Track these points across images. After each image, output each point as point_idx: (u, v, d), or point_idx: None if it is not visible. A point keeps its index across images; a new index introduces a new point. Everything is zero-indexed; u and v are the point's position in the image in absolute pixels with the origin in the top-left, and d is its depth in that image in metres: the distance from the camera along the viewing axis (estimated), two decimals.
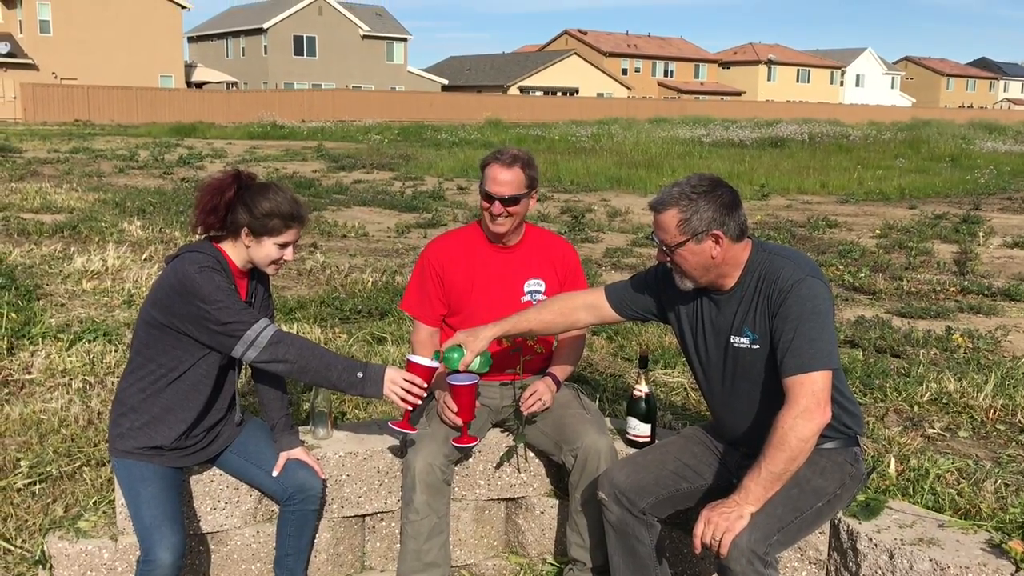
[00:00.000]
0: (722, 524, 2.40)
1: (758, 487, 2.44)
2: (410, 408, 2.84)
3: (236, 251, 2.82)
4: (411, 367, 2.85)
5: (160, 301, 2.74)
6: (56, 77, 46.33)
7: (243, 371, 3.15)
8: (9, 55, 45.67)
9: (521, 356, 3.29)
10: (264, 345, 2.72)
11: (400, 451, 3.25)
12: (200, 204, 2.77)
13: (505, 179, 3.19)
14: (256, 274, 2.93)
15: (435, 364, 2.88)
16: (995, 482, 3.17)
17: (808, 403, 2.45)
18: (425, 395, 2.84)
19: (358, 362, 2.82)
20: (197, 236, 2.87)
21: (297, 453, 3.01)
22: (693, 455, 2.92)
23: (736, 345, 2.70)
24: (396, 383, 2.79)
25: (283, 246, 2.81)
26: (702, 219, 2.57)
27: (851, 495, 2.76)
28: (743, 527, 2.40)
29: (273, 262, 2.84)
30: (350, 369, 2.78)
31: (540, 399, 3.19)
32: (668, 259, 2.68)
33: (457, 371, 2.92)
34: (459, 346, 2.93)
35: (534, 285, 3.36)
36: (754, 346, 2.66)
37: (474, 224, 3.43)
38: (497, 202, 3.18)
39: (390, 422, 3.02)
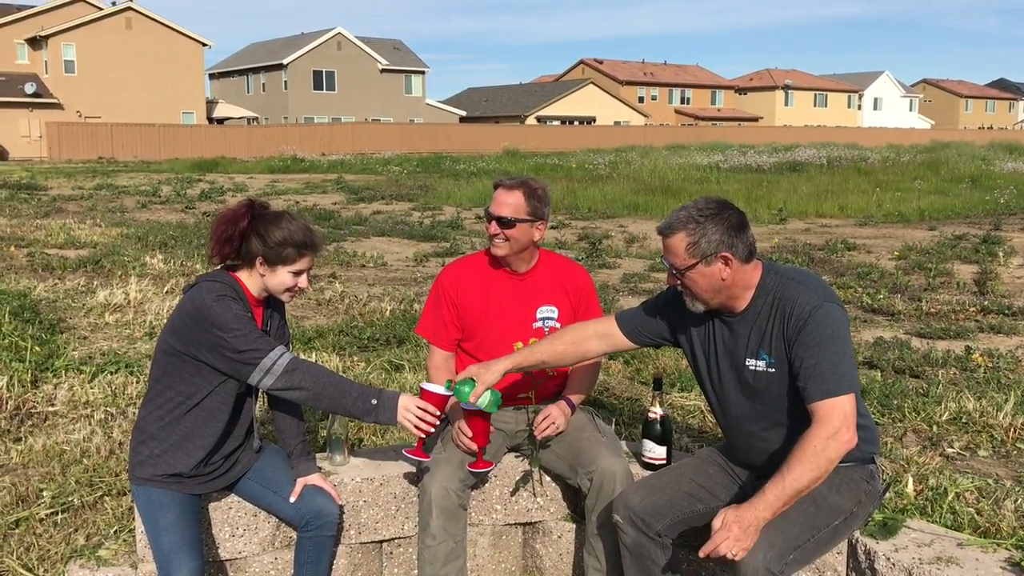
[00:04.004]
0: (736, 532, 2.38)
1: (778, 500, 2.44)
2: (424, 436, 2.86)
3: (252, 280, 2.87)
4: (425, 395, 2.87)
5: (178, 329, 2.79)
6: (80, 116, 47.16)
7: (260, 398, 3.19)
8: (35, 95, 46.55)
9: (534, 380, 3.31)
10: (280, 373, 2.75)
11: (416, 476, 3.26)
12: (215, 234, 2.83)
13: (505, 201, 3.22)
14: (271, 302, 2.98)
15: (449, 392, 2.90)
16: (1016, 501, 3.14)
17: (839, 425, 2.47)
18: (439, 423, 2.86)
19: (372, 389, 2.84)
20: (214, 266, 2.92)
21: (314, 479, 3.03)
22: (708, 476, 2.91)
23: (752, 368, 2.71)
24: (410, 410, 2.81)
25: (297, 274, 2.86)
26: (710, 242, 2.59)
27: (867, 513, 2.75)
28: (754, 538, 2.39)
29: (288, 290, 2.88)
30: (364, 396, 2.80)
31: (553, 423, 3.19)
32: (679, 282, 2.70)
33: (468, 403, 2.93)
34: (471, 379, 2.94)
35: (547, 311, 3.37)
36: (770, 369, 2.67)
37: (488, 249, 3.46)
38: (494, 222, 3.21)
39: (404, 449, 3.04)
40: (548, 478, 3.42)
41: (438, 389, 2.87)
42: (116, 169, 31.06)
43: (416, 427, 2.80)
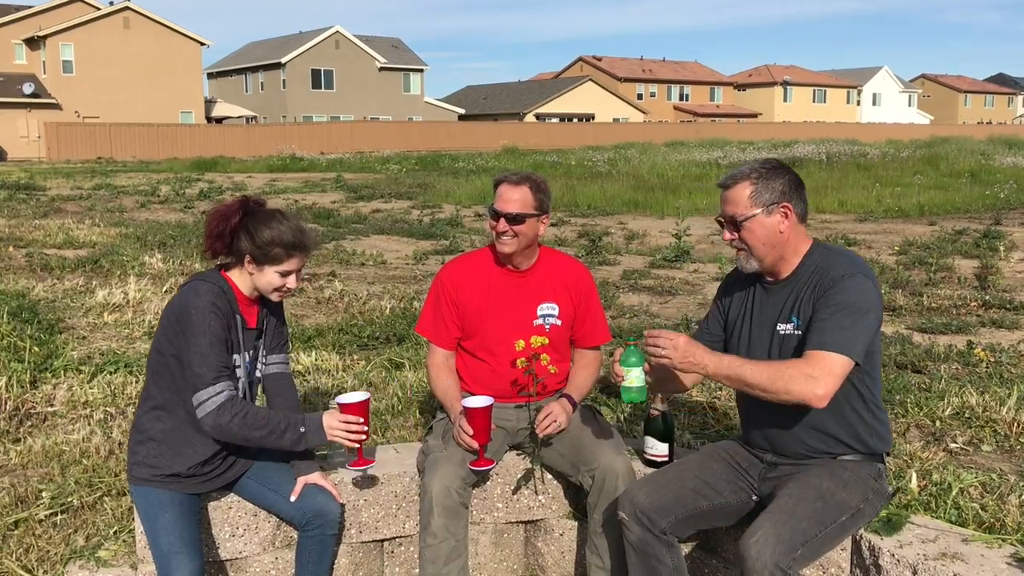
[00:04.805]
0: (680, 350, 2.57)
1: (727, 370, 2.60)
2: (358, 445, 2.90)
3: (242, 279, 2.85)
4: (343, 408, 2.89)
5: (167, 329, 2.79)
6: (79, 116, 47.11)
7: (259, 397, 3.17)
8: (33, 95, 46.50)
9: (535, 378, 3.28)
10: (211, 409, 2.72)
11: (419, 473, 3.24)
12: (208, 230, 2.82)
13: (512, 197, 3.20)
14: (268, 301, 2.96)
15: (364, 396, 2.91)
16: (1020, 495, 3.12)
17: (818, 374, 2.51)
18: (367, 428, 2.89)
19: (297, 417, 2.85)
20: (209, 261, 2.91)
21: (315, 478, 3.01)
22: (712, 472, 2.90)
23: (782, 332, 2.75)
24: (334, 427, 2.85)
25: (285, 274, 2.83)
26: (773, 191, 2.69)
27: (874, 511, 2.74)
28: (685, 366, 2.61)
29: (276, 290, 2.86)
30: (294, 428, 2.81)
31: (555, 420, 3.17)
32: (735, 236, 2.74)
33: (632, 370, 2.76)
34: (644, 356, 2.77)
35: (547, 309, 3.36)
36: (797, 331, 2.72)
37: (488, 247, 3.44)
38: (502, 219, 3.19)
39: (347, 464, 3.07)
40: (550, 476, 3.41)
41: (353, 398, 2.90)
42: (115, 169, 31.04)
43: (348, 440, 2.84)
